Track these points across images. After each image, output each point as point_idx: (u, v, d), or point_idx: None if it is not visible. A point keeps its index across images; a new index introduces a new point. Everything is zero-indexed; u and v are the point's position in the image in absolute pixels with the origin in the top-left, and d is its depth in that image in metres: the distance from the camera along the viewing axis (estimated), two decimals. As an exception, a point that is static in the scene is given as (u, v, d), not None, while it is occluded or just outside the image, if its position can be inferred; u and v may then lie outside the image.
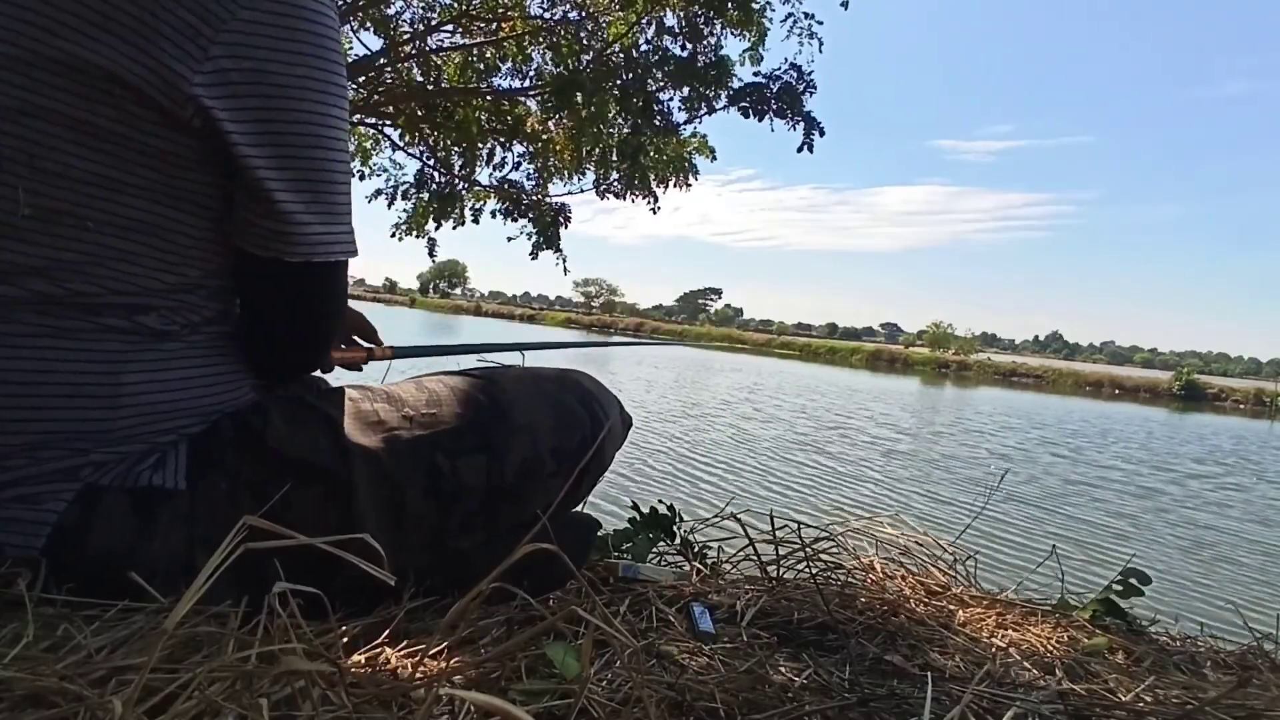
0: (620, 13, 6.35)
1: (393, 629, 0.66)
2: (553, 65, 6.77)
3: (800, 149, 6.14)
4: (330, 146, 0.67)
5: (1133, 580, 1.19)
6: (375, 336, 1.06)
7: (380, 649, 0.63)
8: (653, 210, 7.24)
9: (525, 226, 7.59)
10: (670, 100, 6.38)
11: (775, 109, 5.99)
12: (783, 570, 1.17)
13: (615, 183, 7.10)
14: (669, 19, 6.29)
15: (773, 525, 1.19)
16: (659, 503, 1.32)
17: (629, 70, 6.21)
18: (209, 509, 0.64)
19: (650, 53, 6.24)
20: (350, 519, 0.68)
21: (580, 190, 7.47)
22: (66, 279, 0.62)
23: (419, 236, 8.09)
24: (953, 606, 1.11)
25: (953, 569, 1.33)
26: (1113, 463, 10.27)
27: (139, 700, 0.44)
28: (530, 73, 7.06)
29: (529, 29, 6.74)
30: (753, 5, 6.05)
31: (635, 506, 1.31)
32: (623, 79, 6.16)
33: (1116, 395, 31.95)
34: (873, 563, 1.28)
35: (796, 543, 1.20)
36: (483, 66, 7.10)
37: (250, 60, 0.62)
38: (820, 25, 6.10)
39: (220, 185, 0.66)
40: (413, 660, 0.61)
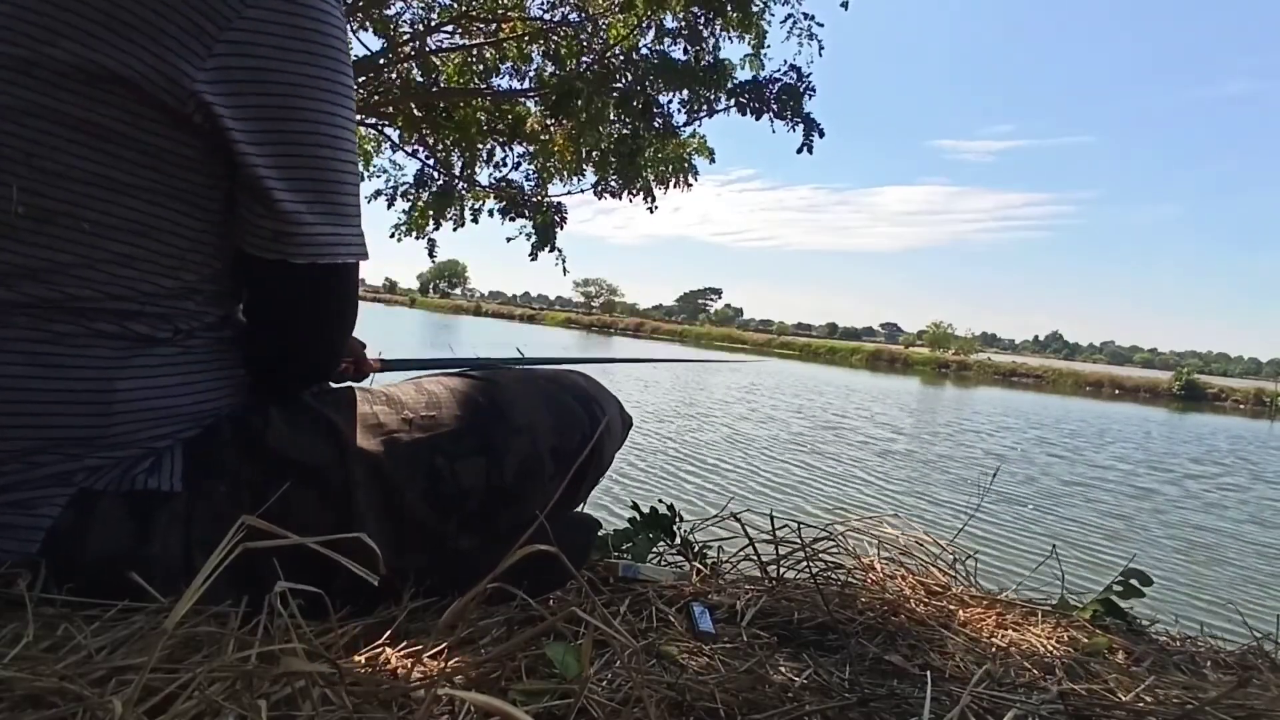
0: (620, 15, 6.35)
1: (393, 629, 0.66)
2: (552, 66, 6.77)
3: (800, 150, 6.14)
4: (336, 146, 0.67)
5: (1133, 581, 1.19)
6: (360, 351, 1.03)
7: (380, 649, 0.63)
8: (650, 210, 7.24)
9: (524, 226, 7.60)
10: (670, 103, 6.38)
11: (774, 109, 5.99)
12: (783, 570, 1.17)
13: (613, 183, 7.10)
14: (669, 21, 6.29)
15: (773, 525, 1.19)
16: (659, 502, 1.32)
17: (629, 72, 6.21)
18: (208, 510, 0.64)
19: (650, 56, 6.23)
20: (349, 520, 0.68)
21: (580, 190, 7.47)
22: (61, 282, 0.61)
23: (419, 237, 8.09)
24: (953, 606, 1.11)
25: (953, 569, 1.33)
26: (1111, 463, 10.27)
27: (139, 700, 0.44)
28: (530, 73, 7.06)
29: (529, 30, 6.74)
30: (752, 7, 6.05)
31: (635, 506, 1.31)
32: (622, 82, 6.16)
33: (1116, 395, 31.96)
34: (873, 563, 1.28)
35: (796, 542, 1.20)
36: (482, 67, 7.10)
37: (254, 58, 0.61)
38: (820, 27, 6.11)
39: (221, 187, 0.66)
40: (412, 660, 0.61)
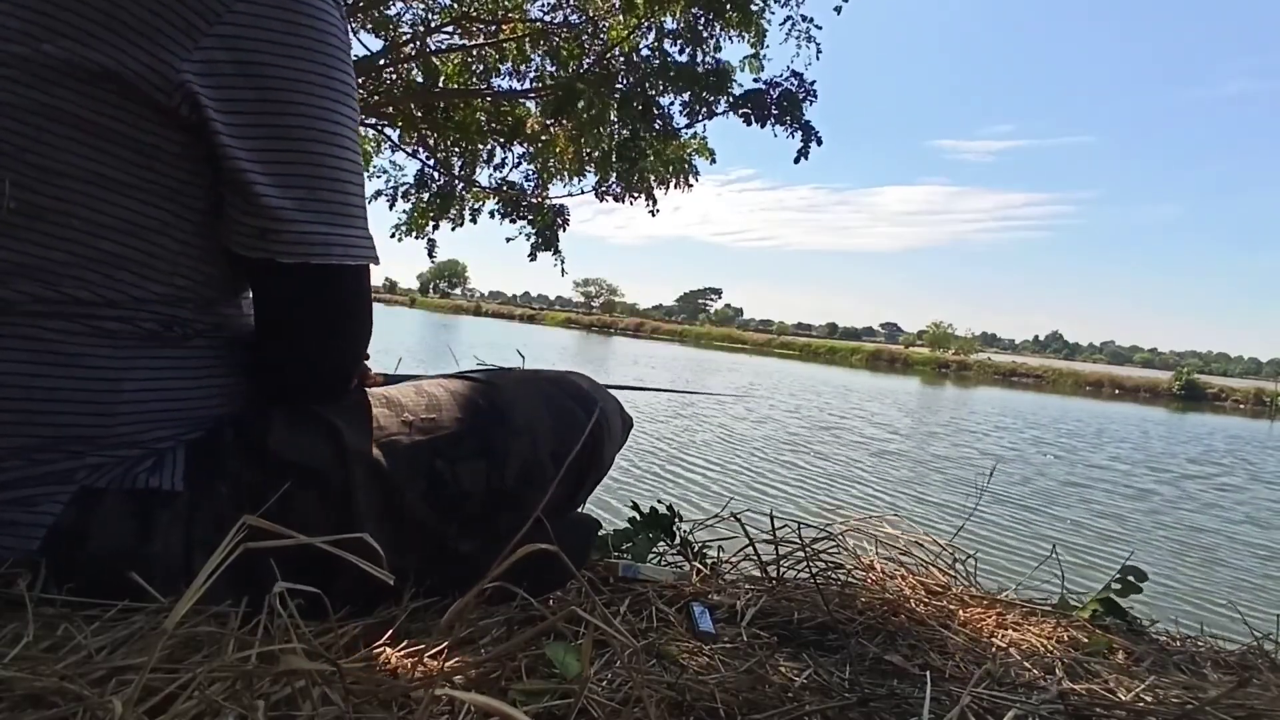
0: (621, 16, 6.35)
1: (393, 630, 0.66)
2: (552, 68, 6.77)
3: (797, 159, 6.15)
4: (331, 143, 0.65)
5: (1130, 578, 1.19)
6: (362, 365, 1.01)
7: (380, 649, 0.63)
8: (651, 213, 7.25)
9: (524, 227, 7.60)
10: (671, 105, 6.39)
11: (775, 115, 5.99)
12: (783, 570, 1.17)
13: (614, 185, 7.10)
14: (669, 22, 6.29)
15: (773, 525, 1.19)
16: (658, 503, 1.32)
17: (629, 74, 6.21)
18: (208, 510, 0.64)
19: (651, 57, 6.23)
20: (349, 521, 0.68)
21: (581, 192, 7.47)
22: (57, 281, 0.61)
23: (419, 237, 8.09)
24: (953, 606, 1.11)
25: (953, 569, 1.33)
26: (1110, 463, 10.27)
27: (139, 700, 0.44)
28: (530, 74, 7.06)
29: (529, 31, 6.75)
30: (751, 7, 6.05)
31: (635, 506, 1.31)
32: (623, 84, 6.15)
33: (1116, 395, 31.98)
34: (873, 562, 1.28)
35: (796, 542, 1.20)
36: (482, 68, 7.10)
37: (242, 52, 0.61)
38: (819, 29, 6.11)
39: (208, 187, 0.65)
40: (412, 660, 0.61)
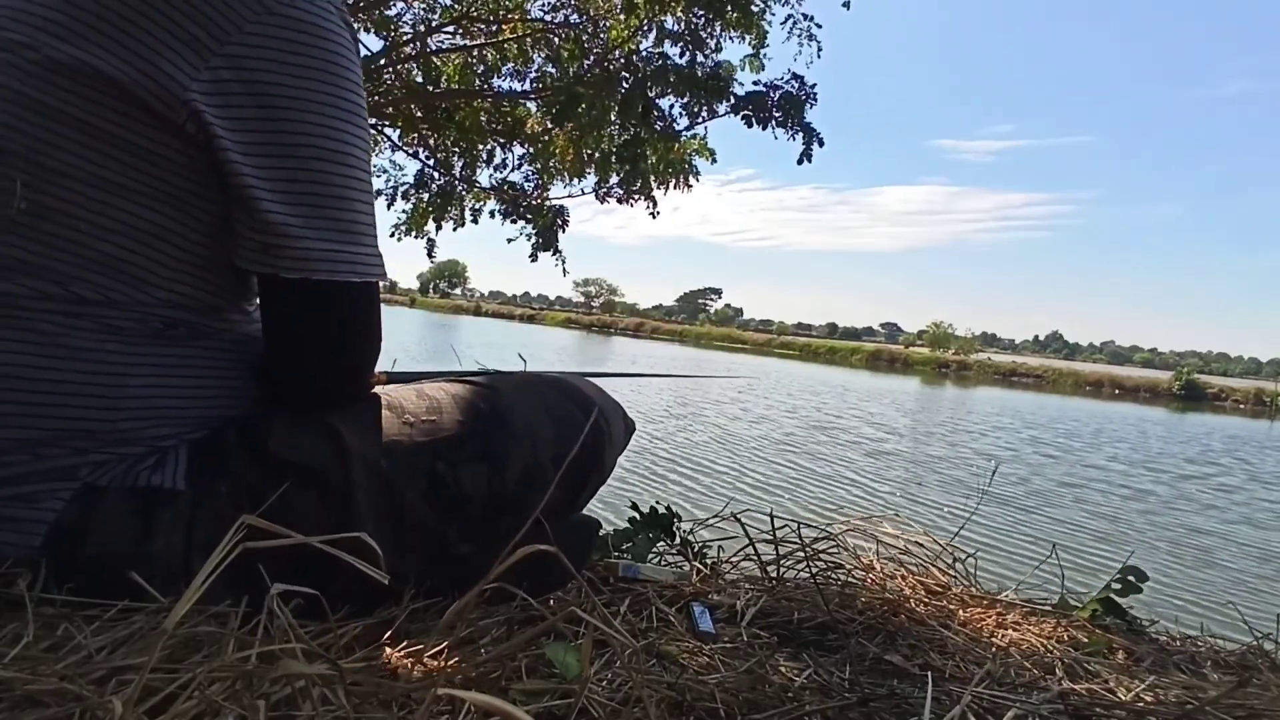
0: (621, 16, 6.35)
1: (393, 630, 0.66)
2: (553, 69, 6.77)
3: (800, 161, 6.15)
4: (338, 162, 0.66)
5: (1130, 578, 1.19)
6: None
7: (380, 649, 0.63)
8: (651, 215, 7.25)
9: (524, 228, 7.60)
10: (672, 107, 6.39)
11: (776, 118, 5.99)
12: (783, 570, 1.17)
13: (615, 187, 7.10)
14: (669, 23, 6.29)
15: (773, 525, 1.19)
16: (657, 503, 1.32)
17: (630, 75, 6.21)
18: (209, 510, 0.64)
19: (652, 59, 6.23)
20: (349, 521, 0.68)
21: (582, 193, 7.47)
22: (64, 281, 0.62)
23: (419, 237, 8.09)
24: (953, 606, 1.11)
25: (952, 569, 1.33)
26: (1109, 464, 10.28)
27: (139, 700, 0.44)
28: (531, 74, 7.06)
29: (530, 31, 6.75)
30: (752, 8, 6.05)
31: (635, 506, 1.31)
32: (624, 86, 6.15)
33: (1116, 395, 32.00)
34: (873, 563, 1.28)
35: (796, 542, 1.20)
36: (483, 68, 7.10)
37: (250, 73, 0.62)
38: (820, 28, 6.11)
39: (213, 197, 0.66)
40: (412, 660, 0.61)
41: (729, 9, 6.00)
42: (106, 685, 0.48)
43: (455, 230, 8.04)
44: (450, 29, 6.99)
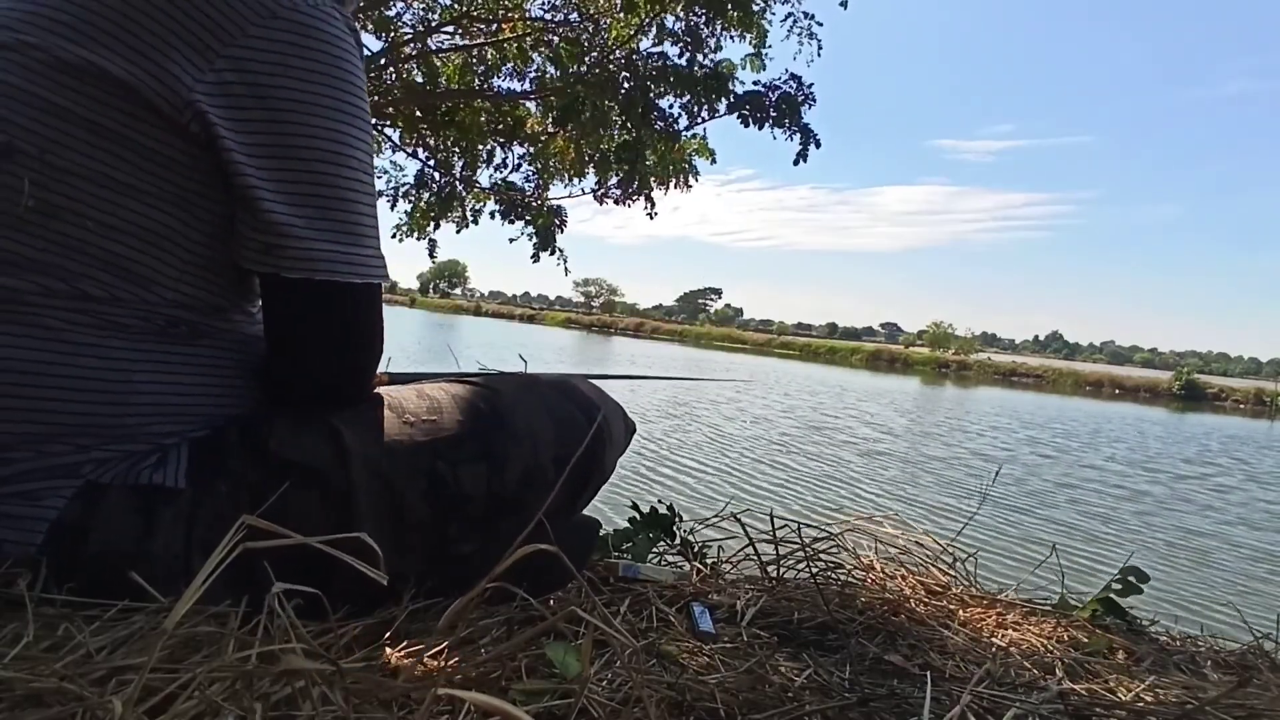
0: (621, 15, 6.35)
1: (393, 630, 0.66)
2: (553, 68, 6.77)
3: (796, 161, 6.16)
4: (340, 164, 0.67)
5: (1131, 578, 1.19)
6: None
7: (380, 649, 0.63)
8: (649, 216, 7.25)
9: (525, 228, 7.59)
10: (672, 107, 6.38)
11: (774, 118, 5.99)
12: (783, 570, 1.17)
13: (614, 187, 7.10)
14: (669, 21, 6.28)
15: (773, 525, 1.19)
16: (658, 502, 1.32)
17: (630, 75, 6.21)
18: (209, 510, 0.64)
19: (652, 59, 6.23)
20: (349, 523, 0.68)
21: (582, 193, 7.47)
22: (72, 279, 0.62)
23: (419, 238, 8.09)
24: (953, 606, 1.11)
25: (952, 569, 1.33)
26: (1108, 464, 10.28)
27: (139, 700, 0.44)
28: (531, 74, 7.06)
29: (529, 30, 6.75)
30: (753, 6, 6.05)
31: (635, 506, 1.31)
32: (624, 86, 6.15)
33: (1116, 395, 32.01)
34: (873, 562, 1.28)
35: (796, 543, 1.20)
36: (483, 68, 7.10)
37: (254, 74, 0.63)
38: (820, 26, 6.11)
39: (218, 198, 0.66)
40: (412, 660, 0.61)
41: (729, 7, 6.00)
42: (106, 685, 0.48)
43: (458, 232, 8.04)
44: (450, 29, 6.99)
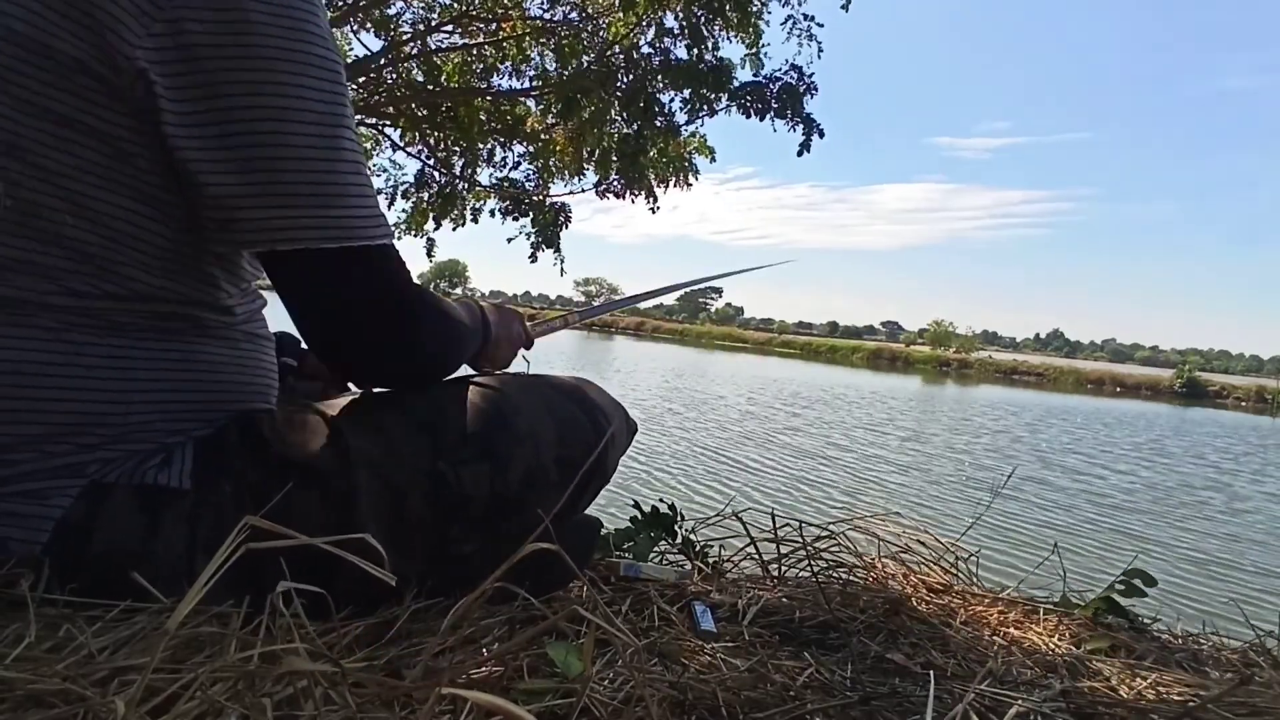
0: (620, 14, 6.35)
1: (395, 629, 0.66)
2: (553, 66, 6.77)
3: (800, 152, 6.17)
4: (290, 118, 0.61)
5: (1136, 581, 1.18)
6: None
7: (382, 649, 0.63)
8: (652, 210, 7.25)
9: (525, 226, 7.60)
10: (672, 102, 6.38)
11: (775, 109, 5.99)
12: (784, 569, 1.17)
13: (615, 183, 7.10)
14: (669, 20, 6.28)
15: (774, 524, 1.19)
16: (660, 501, 1.32)
17: (630, 72, 6.21)
18: (212, 510, 0.65)
19: (651, 55, 6.23)
20: (351, 522, 0.68)
21: (582, 190, 7.47)
22: (58, 276, 0.61)
23: (419, 236, 8.09)
24: (955, 604, 1.11)
25: (954, 567, 1.32)
26: (1111, 461, 10.27)
27: (141, 700, 0.44)
28: (530, 73, 7.06)
29: (529, 29, 6.75)
30: (750, 8, 6.05)
31: (637, 505, 1.31)
32: (624, 82, 6.16)
33: (1118, 393, 32.00)
34: (874, 561, 1.28)
35: (798, 541, 1.20)
36: (482, 67, 7.10)
37: (189, 34, 0.59)
38: (820, 27, 6.11)
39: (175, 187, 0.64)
40: (415, 660, 0.61)
41: (727, 8, 6.00)
42: (109, 685, 0.48)
43: (455, 230, 8.04)
44: (449, 27, 6.99)
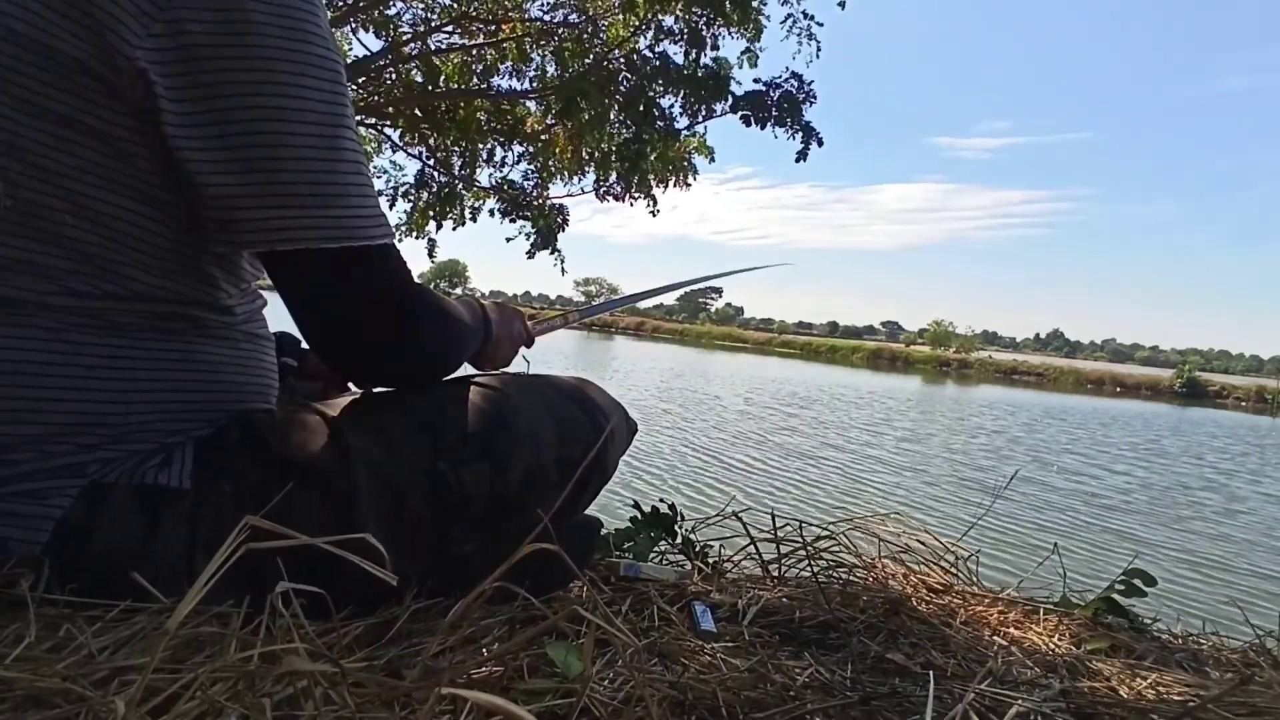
0: (620, 15, 6.35)
1: (395, 629, 0.66)
2: (554, 68, 6.78)
3: (798, 159, 6.18)
4: (288, 119, 0.62)
5: (1136, 581, 1.18)
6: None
7: (382, 649, 0.63)
8: (652, 213, 7.25)
9: (524, 226, 7.60)
10: (671, 106, 6.39)
11: (775, 117, 6.00)
12: (784, 569, 1.17)
13: (615, 184, 7.10)
14: (668, 21, 6.29)
15: (774, 524, 1.19)
16: (660, 501, 1.32)
17: (630, 74, 6.21)
18: (212, 510, 0.65)
19: (651, 58, 6.24)
20: (351, 522, 0.68)
21: (581, 191, 7.47)
22: (58, 276, 0.61)
23: (419, 237, 8.09)
24: (955, 604, 1.11)
25: (955, 567, 1.32)
26: (1110, 461, 10.27)
27: (141, 700, 0.44)
28: (531, 74, 7.06)
29: (529, 30, 6.75)
30: (751, 3, 6.06)
31: (637, 505, 1.31)
32: (624, 84, 6.16)
33: (1118, 393, 32.01)
34: (874, 561, 1.28)
35: (798, 541, 1.20)
36: (482, 67, 7.10)
37: (189, 34, 0.59)
38: (820, 26, 6.11)
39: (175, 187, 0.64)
40: (415, 660, 0.61)
41: (728, 6, 6.00)
42: (109, 685, 0.48)
43: (455, 229, 8.05)
44: (449, 28, 6.99)
